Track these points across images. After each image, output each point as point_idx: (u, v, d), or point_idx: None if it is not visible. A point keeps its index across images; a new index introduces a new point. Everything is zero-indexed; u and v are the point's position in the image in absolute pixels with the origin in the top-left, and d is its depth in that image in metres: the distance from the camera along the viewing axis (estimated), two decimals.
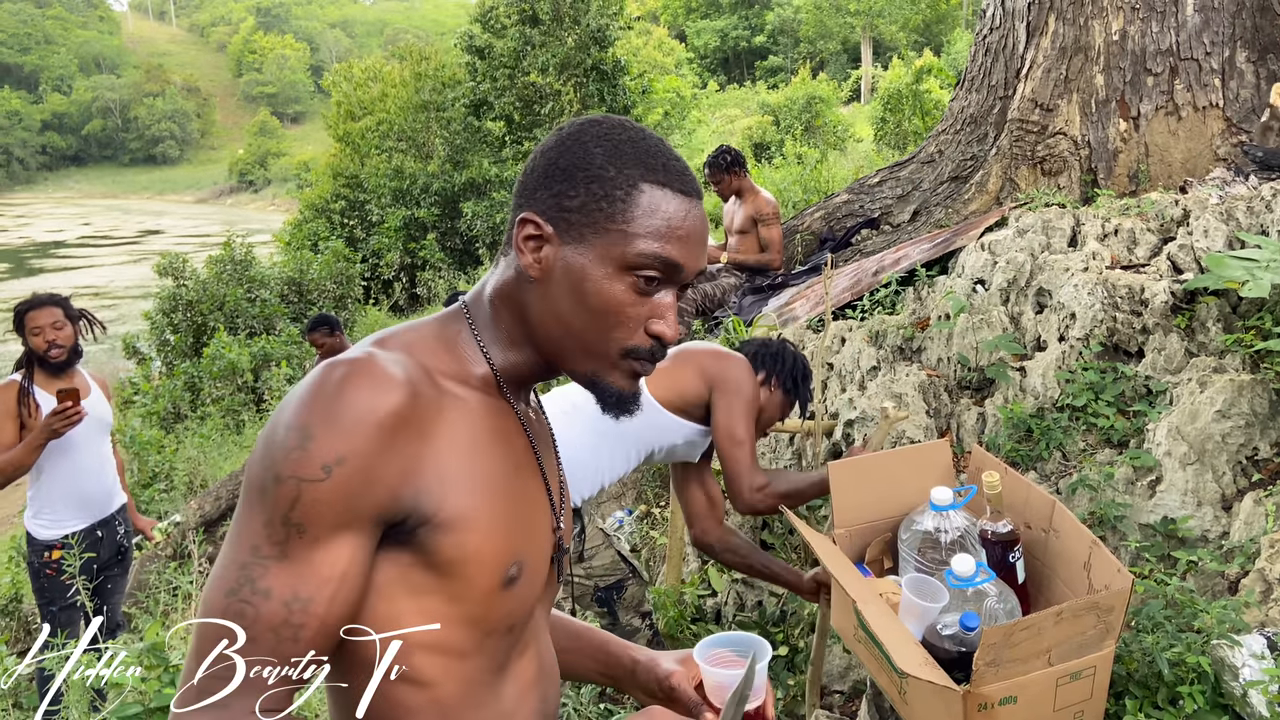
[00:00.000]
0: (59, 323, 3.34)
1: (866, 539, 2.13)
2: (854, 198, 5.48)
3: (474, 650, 0.94)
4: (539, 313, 0.97)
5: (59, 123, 76.15)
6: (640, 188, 0.93)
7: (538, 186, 0.96)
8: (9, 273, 28.48)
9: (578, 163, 0.95)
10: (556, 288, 0.95)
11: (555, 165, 0.96)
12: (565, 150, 0.96)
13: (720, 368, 2.33)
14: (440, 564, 0.90)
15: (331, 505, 0.84)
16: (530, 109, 14.48)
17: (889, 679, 1.85)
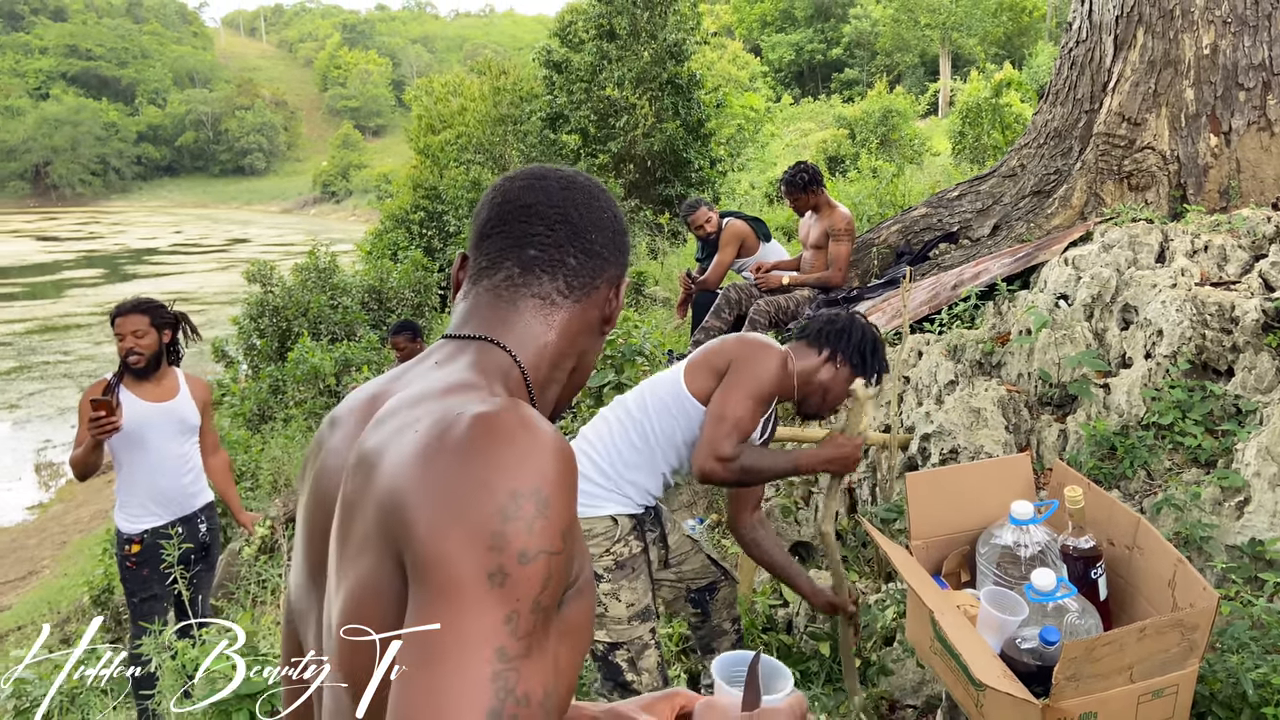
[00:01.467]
0: (140, 331, 3.41)
1: (943, 551, 2.13)
2: (932, 211, 5.44)
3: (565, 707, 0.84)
4: (591, 357, 1.04)
5: (154, 134, 79.29)
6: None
7: (614, 248, 1.04)
8: (105, 278, 29.73)
9: (613, 223, 1.05)
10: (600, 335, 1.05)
11: (611, 229, 1.04)
12: (614, 214, 1.05)
13: (739, 351, 2.33)
14: (571, 629, 0.81)
15: (563, 579, 0.74)
16: (605, 122, 14.64)
17: (965, 691, 1.85)
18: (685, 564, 2.57)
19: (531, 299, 1.00)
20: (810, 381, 2.38)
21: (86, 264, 33.72)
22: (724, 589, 2.63)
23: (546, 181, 1.03)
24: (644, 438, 2.31)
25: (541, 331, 0.99)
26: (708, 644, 2.69)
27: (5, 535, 9.43)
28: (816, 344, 2.39)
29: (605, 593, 2.30)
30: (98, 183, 74.13)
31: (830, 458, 2.34)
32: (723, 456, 2.22)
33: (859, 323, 2.42)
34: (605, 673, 2.38)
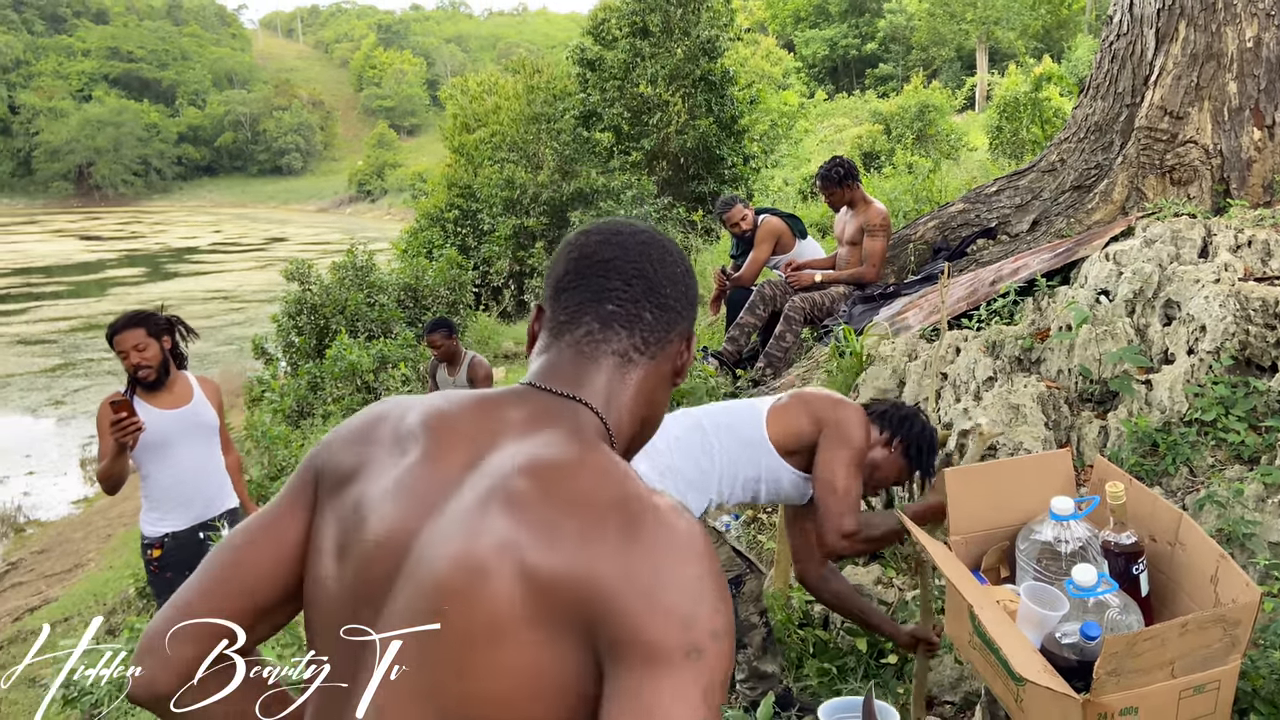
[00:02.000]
0: (141, 344, 3.38)
1: (983, 547, 2.13)
2: (970, 207, 5.40)
3: None
4: (661, 410, 1.08)
5: (193, 135, 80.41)
6: None
7: (685, 300, 1.08)
8: (147, 276, 30.25)
9: (685, 276, 1.09)
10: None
11: (684, 282, 1.08)
12: (685, 267, 1.09)
13: (834, 415, 2.38)
14: None
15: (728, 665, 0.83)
16: (638, 120, 14.66)
17: (1005, 686, 1.85)
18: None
19: (611, 355, 1.03)
20: (870, 469, 2.45)
21: (129, 263, 34.32)
22: (750, 582, 2.65)
23: (622, 236, 1.06)
24: (710, 460, 2.38)
25: (621, 390, 1.03)
26: (739, 639, 2.70)
27: (52, 529, 9.65)
28: (879, 424, 2.45)
29: None
30: (139, 183, 75.34)
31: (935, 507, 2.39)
32: (848, 533, 2.30)
33: (924, 419, 2.49)
34: None
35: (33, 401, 14.36)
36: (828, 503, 2.31)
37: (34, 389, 15.04)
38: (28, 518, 9.93)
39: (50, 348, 18.21)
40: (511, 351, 11.69)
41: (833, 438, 2.34)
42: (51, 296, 25.43)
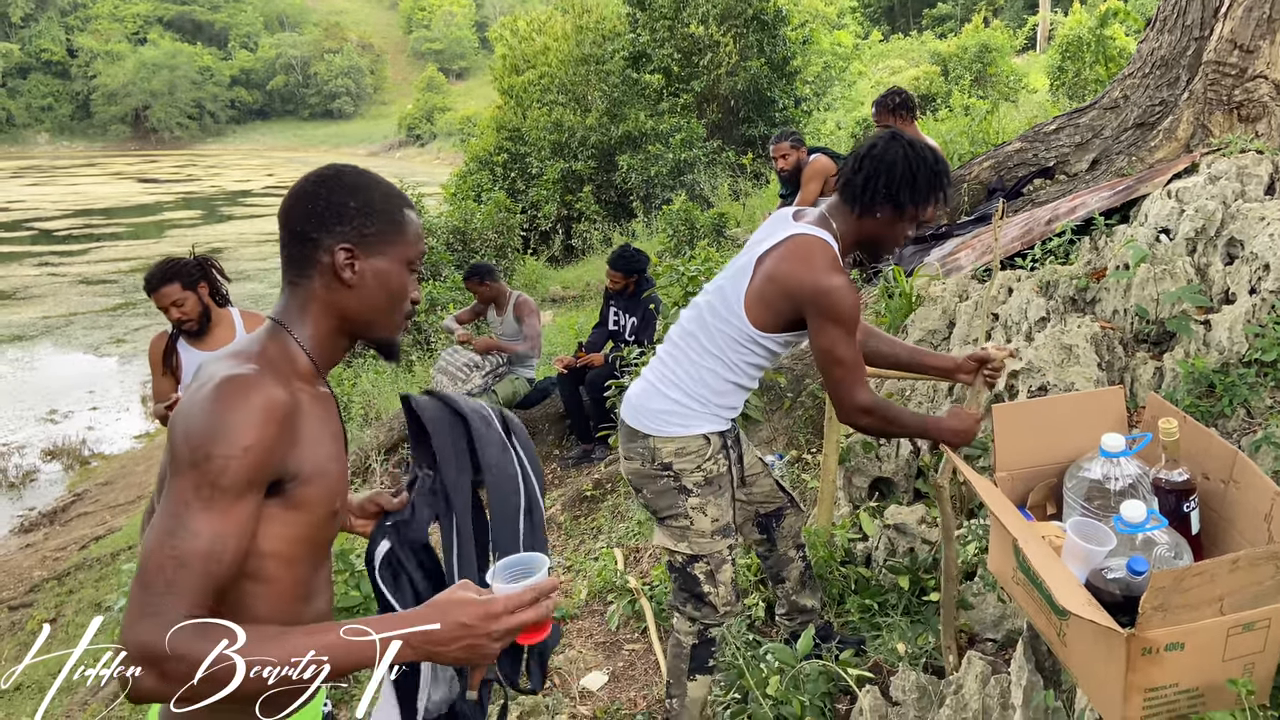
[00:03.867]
0: (179, 299, 3.45)
1: (1029, 483, 2.10)
2: (1027, 146, 5.25)
3: (305, 559, 1.35)
4: (356, 308, 1.38)
5: (246, 78, 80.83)
6: (406, 213, 1.43)
7: (319, 226, 1.37)
8: (203, 219, 30.75)
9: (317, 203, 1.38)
10: (368, 287, 1.38)
11: (347, 206, 1.37)
12: (325, 192, 1.39)
13: (804, 287, 2.17)
14: (298, 504, 1.30)
15: (243, 476, 1.20)
16: (689, 60, 14.41)
17: (1047, 621, 1.84)
18: (756, 485, 2.60)
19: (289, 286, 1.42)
20: (854, 243, 2.26)
21: (185, 205, 34.89)
22: (790, 516, 2.66)
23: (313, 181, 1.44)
24: (729, 369, 2.32)
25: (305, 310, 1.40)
26: (777, 573, 2.72)
27: (116, 462, 9.98)
28: (847, 201, 2.22)
29: (693, 507, 2.35)
30: (194, 126, 76.18)
31: (955, 429, 2.25)
32: (864, 406, 2.19)
33: (883, 160, 2.16)
34: (682, 583, 2.44)
35: (95, 339, 14.76)
36: (830, 379, 2.19)
37: (96, 327, 15.46)
38: (92, 451, 10.28)
39: (111, 287, 18.66)
40: (559, 295, 11.72)
41: (817, 317, 2.15)
42: (111, 238, 25.99)
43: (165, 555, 1.16)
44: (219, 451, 1.19)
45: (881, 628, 2.70)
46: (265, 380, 1.25)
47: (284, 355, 1.36)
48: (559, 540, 4.77)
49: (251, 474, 1.21)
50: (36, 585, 6.77)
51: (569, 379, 5.88)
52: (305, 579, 1.37)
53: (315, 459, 1.32)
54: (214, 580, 1.18)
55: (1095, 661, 1.70)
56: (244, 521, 1.22)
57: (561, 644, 3.49)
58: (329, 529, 1.39)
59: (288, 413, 1.26)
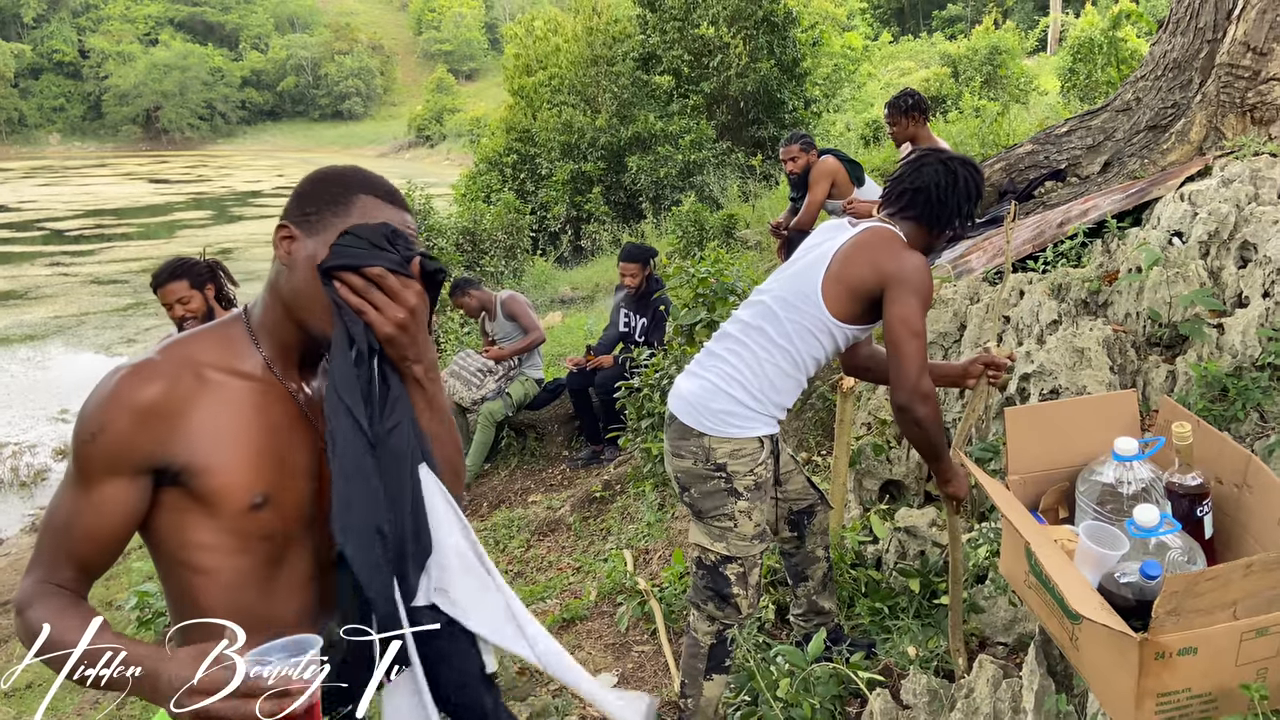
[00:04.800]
0: (185, 297, 3.44)
1: (1041, 487, 2.10)
2: (1039, 148, 5.24)
3: (239, 551, 1.30)
4: (288, 293, 1.30)
5: (256, 79, 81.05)
6: (357, 196, 1.31)
7: (290, 204, 1.33)
8: (213, 219, 30.84)
9: (318, 184, 1.34)
10: (299, 270, 1.29)
11: (302, 189, 1.34)
12: (311, 179, 1.35)
13: (891, 267, 2.27)
14: (197, 495, 1.26)
15: (96, 460, 1.22)
16: (699, 62, 14.42)
17: (1060, 625, 1.84)
18: (790, 483, 2.60)
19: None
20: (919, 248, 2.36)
21: (196, 206, 35.02)
22: (820, 514, 2.66)
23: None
24: (793, 364, 2.33)
25: (264, 295, 1.37)
26: (800, 571, 2.71)
27: None
28: (924, 220, 2.33)
29: (740, 510, 2.35)
30: (205, 127, 76.43)
31: (958, 484, 2.35)
32: (926, 391, 2.21)
33: (965, 187, 2.30)
34: (709, 582, 2.43)
35: (106, 339, 14.83)
36: (906, 351, 2.20)
37: (107, 327, 15.53)
38: None
39: (122, 288, 18.74)
40: (568, 296, 11.73)
41: (899, 294, 2.22)
42: (122, 238, 26.10)
43: (44, 518, 1.28)
44: (77, 434, 1.23)
45: (892, 631, 2.70)
46: (148, 370, 1.24)
47: (218, 343, 1.32)
48: (568, 541, 4.78)
49: (105, 460, 1.21)
50: None
51: (578, 380, 5.89)
52: (250, 571, 1.32)
53: (211, 452, 1.25)
54: (69, 553, 1.24)
55: (1108, 666, 1.69)
56: (106, 503, 1.23)
57: (571, 645, 3.49)
58: (255, 522, 1.29)
59: (156, 403, 1.22)
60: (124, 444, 1.22)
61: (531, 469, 6.16)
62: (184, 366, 1.26)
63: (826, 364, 2.46)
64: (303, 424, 1.36)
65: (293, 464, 1.34)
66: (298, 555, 1.38)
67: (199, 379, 1.27)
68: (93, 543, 1.25)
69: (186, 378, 1.26)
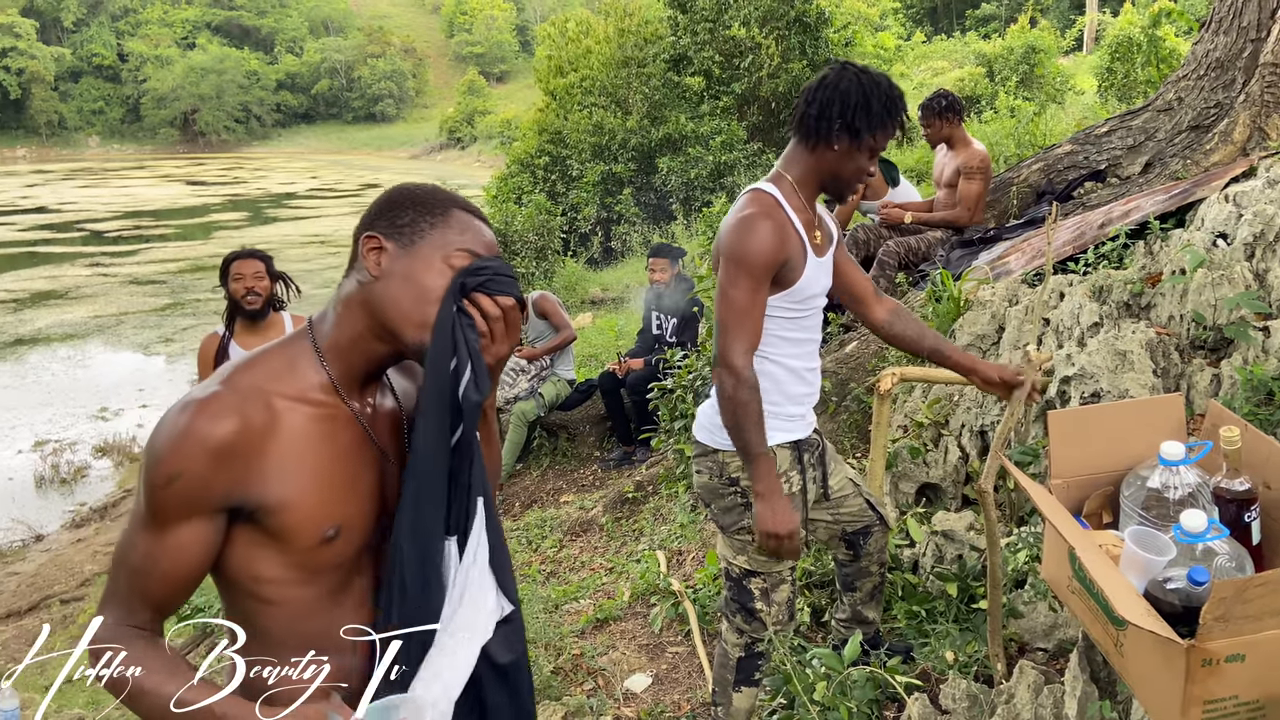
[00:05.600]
0: (260, 274, 3.66)
1: (1085, 492, 2.07)
2: (1078, 148, 5.18)
3: (305, 583, 1.28)
4: (378, 304, 1.27)
5: (291, 82, 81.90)
6: (453, 210, 1.30)
7: (374, 214, 1.31)
8: (248, 221, 31.21)
9: (410, 195, 1.32)
10: (393, 280, 1.27)
11: (390, 198, 1.32)
12: (400, 189, 1.33)
13: (722, 238, 2.18)
14: (273, 532, 1.24)
15: (172, 504, 1.18)
16: (730, 63, 14.39)
17: (1104, 631, 1.81)
18: (844, 506, 2.51)
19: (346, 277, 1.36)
20: (816, 181, 2.22)
21: (232, 207, 35.45)
22: (877, 534, 2.58)
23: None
24: (765, 357, 2.25)
25: (327, 308, 1.36)
26: (851, 582, 2.68)
27: None
28: (803, 137, 2.19)
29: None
30: (240, 130, 77.37)
31: (772, 515, 2.15)
32: (734, 366, 2.11)
33: (835, 88, 2.12)
34: (735, 594, 2.41)
35: (144, 339, 15.06)
36: (719, 318, 2.14)
37: (145, 327, 15.76)
38: (141, 448, 10.46)
39: (160, 288, 19.01)
40: (599, 297, 11.76)
41: (720, 252, 2.16)
42: (160, 239, 26.49)
43: (116, 557, 1.25)
44: (152, 478, 1.18)
45: (929, 635, 2.67)
46: (219, 406, 1.19)
47: (283, 365, 1.28)
48: (601, 541, 4.79)
49: (181, 504, 1.18)
50: (87, 579, 6.93)
51: (610, 381, 5.91)
52: (316, 599, 1.31)
53: (286, 488, 1.23)
54: (145, 595, 1.22)
55: (1153, 672, 1.67)
56: (181, 546, 1.20)
57: (605, 645, 3.50)
58: (326, 554, 1.28)
59: (231, 443, 1.18)
60: (200, 487, 1.18)
61: (563, 469, 6.18)
62: (253, 398, 1.22)
63: (810, 341, 2.33)
64: (366, 444, 1.34)
65: (360, 489, 1.33)
66: (360, 576, 1.37)
67: (268, 410, 1.23)
68: (170, 586, 1.23)
69: (257, 411, 1.22)
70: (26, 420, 11.24)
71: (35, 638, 4.21)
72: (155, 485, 1.18)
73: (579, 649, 3.47)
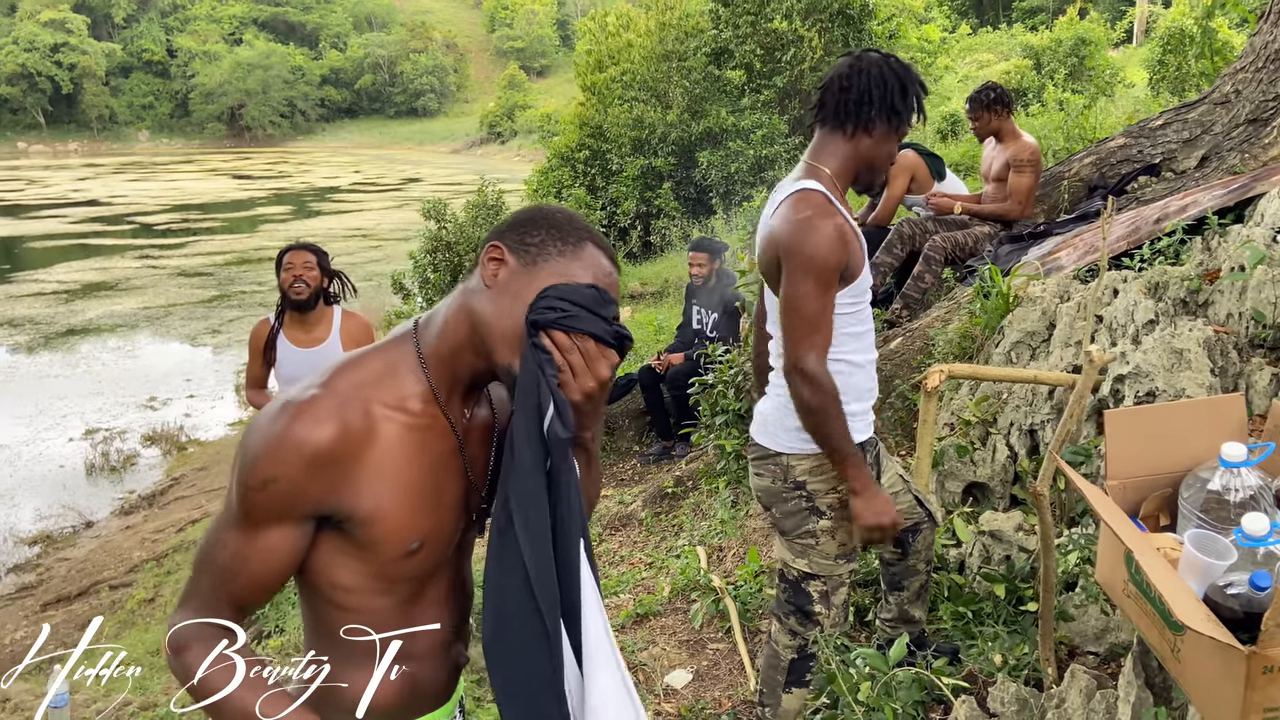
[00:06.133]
0: (310, 264, 3.71)
1: (1142, 493, 2.02)
2: (1131, 142, 5.06)
3: (383, 593, 1.28)
4: (482, 316, 1.24)
5: (335, 78, 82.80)
6: (586, 243, 1.27)
7: (505, 227, 1.28)
8: (293, 214, 31.62)
9: (545, 216, 1.29)
10: (504, 295, 1.23)
11: (523, 214, 1.30)
12: (538, 208, 1.31)
13: (782, 232, 2.12)
14: (359, 542, 1.24)
15: (265, 507, 1.18)
16: (771, 56, 14.28)
17: (1161, 636, 1.77)
18: (895, 503, 2.45)
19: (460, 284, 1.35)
20: (853, 169, 2.21)
21: (277, 201, 35.95)
22: (926, 531, 2.55)
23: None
24: (836, 358, 2.21)
25: (435, 312, 1.34)
26: (897, 581, 2.65)
27: (211, 448, 10.34)
28: (839, 125, 2.17)
29: (824, 530, 2.27)
30: (285, 124, 78.39)
31: (861, 494, 2.15)
32: (808, 371, 2.08)
33: (869, 74, 2.12)
34: (790, 596, 2.38)
35: (192, 330, 15.32)
36: (789, 327, 2.10)
37: (193, 318, 16.04)
38: (189, 437, 10.67)
39: (207, 280, 19.34)
40: (638, 292, 11.74)
41: (787, 259, 2.10)
42: (207, 232, 26.94)
43: (202, 554, 1.24)
44: (247, 480, 1.18)
45: (976, 637, 2.63)
46: (319, 410, 1.18)
47: (384, 370, 1.26)
48: (640, 536, 4.78)
49: (275, 508, 1.18)
50: (136, 566, 7.06)
51: (650, 375, 5.89)
52: (391, 609, 1.30)
53: (378, 499, 1.22)
54: (230, 595, 1.22)
55: (1212, 679, 1.63)
56: (270, 548, 1.20)
57: (645, 641, 3.49)
58: (406, 566, 1.28)
59: (330, 450, 1.17)
60: (295, 493, 1.18)
61: (602, 463, 6.18)
62: (352, 403, 1.20)
63: (868, 333, 2.30)
64: (456, 456, 1.32)
65: (444, 501, 1.31)
66: (435, 587, 1.37)
67: (366, 417, 1.21)
68: (256, 586, 1.23)
69: (356, 417, 1.20)
70: (77, 409, 11.49)
71: (86, 623, 4.30)
72: (249, 487, 1.17)
73: (619, 644, 3.47)
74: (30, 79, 71.14)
